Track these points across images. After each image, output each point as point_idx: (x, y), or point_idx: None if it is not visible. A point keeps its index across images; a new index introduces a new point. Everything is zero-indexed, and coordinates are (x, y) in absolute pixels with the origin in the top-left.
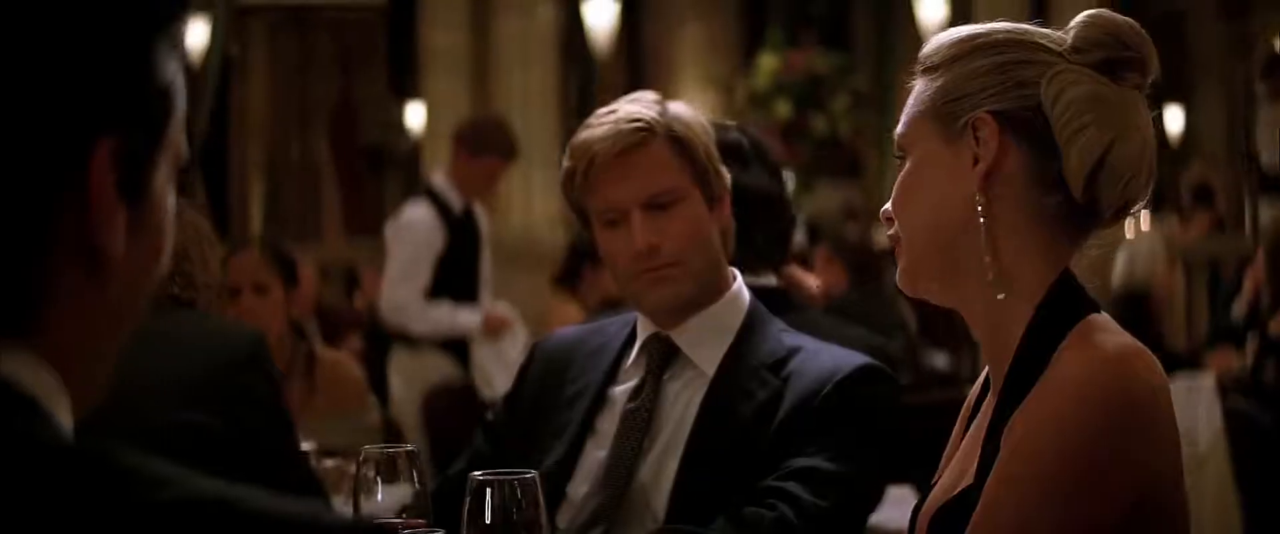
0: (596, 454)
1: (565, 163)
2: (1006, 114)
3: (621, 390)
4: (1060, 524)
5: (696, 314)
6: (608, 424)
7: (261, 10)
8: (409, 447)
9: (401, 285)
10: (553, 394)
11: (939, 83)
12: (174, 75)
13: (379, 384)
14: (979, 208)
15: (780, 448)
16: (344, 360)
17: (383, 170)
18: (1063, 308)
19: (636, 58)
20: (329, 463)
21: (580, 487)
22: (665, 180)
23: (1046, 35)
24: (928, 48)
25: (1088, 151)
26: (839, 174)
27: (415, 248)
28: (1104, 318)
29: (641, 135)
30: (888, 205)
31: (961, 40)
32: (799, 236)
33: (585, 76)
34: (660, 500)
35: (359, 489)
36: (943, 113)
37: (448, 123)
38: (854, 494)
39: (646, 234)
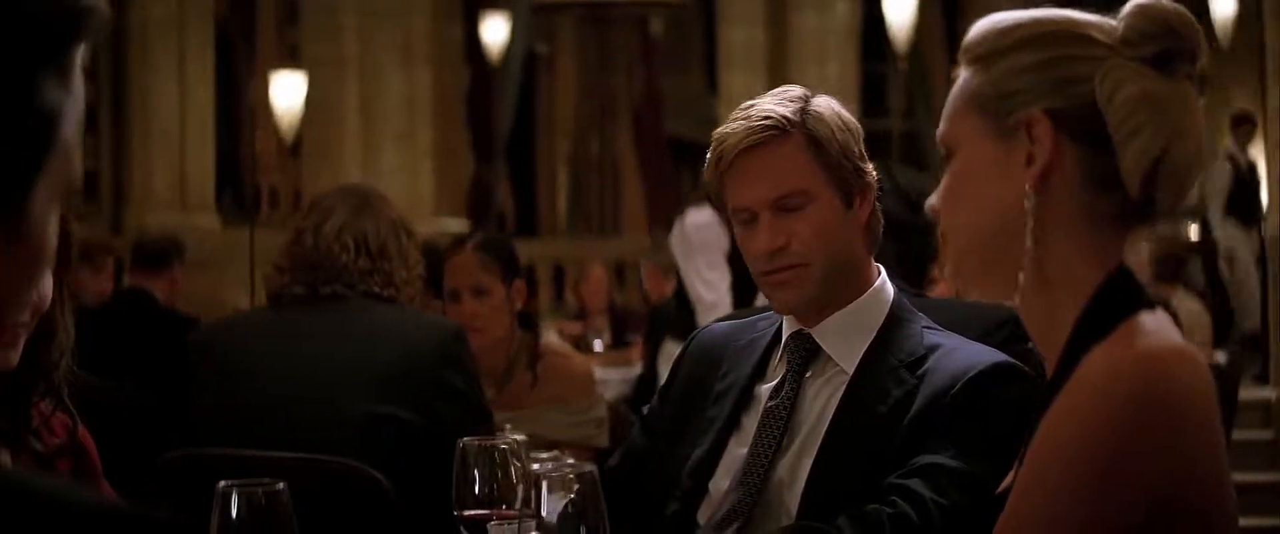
0: (738, 451)
1: (708, 154)
2: (1060, 112)
3: (766, 388)
4: (1079, 521)
5: (837, 311)
6: (751, 421)
7: (566, 6)
8: (509, 438)
9: (716, 288)
10: (703, 389)
11: (986, 76)
12: (60, 103)
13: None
14: (1029, 207)
15: (910, 445)
16: (570, 354)
17: (694, 165)
18: (1110, 306)
19: (955, 51)
20: (542, 456)
21: (722, 482)
22: (795, 182)
23: (1097, 25)
24: (973, 36)
25: (1144, 153)
26: None
27: (715, 252)
28: (1154, 317)
29: (770, 134)
30: (934, 201)
31: (1009, 30)
32: None
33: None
34: (794, 498)
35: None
36: (992, 109)
37: None
38: (979, 493)
39: (773, 236)
